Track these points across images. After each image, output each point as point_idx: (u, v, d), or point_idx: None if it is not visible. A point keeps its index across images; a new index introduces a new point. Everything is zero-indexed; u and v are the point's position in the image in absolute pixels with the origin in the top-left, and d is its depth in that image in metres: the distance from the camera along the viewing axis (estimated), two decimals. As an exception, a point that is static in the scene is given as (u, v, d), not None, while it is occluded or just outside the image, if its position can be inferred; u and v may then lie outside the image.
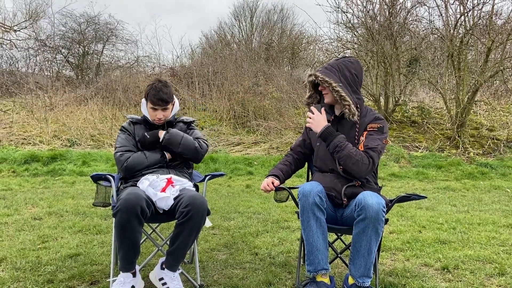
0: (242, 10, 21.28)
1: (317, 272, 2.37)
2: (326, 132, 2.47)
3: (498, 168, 8.17)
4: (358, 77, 2.54)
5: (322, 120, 2.50)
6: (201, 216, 2.42)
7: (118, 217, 2.30)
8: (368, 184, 2.51)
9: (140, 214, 2.32)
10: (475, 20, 9.73)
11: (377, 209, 2.18)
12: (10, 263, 2.97)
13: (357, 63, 2.57)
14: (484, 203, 5.54)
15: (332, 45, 12.31)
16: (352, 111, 2.45)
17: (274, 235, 3.85)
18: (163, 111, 2.80)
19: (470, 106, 9.76)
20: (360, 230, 2.25)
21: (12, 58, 14.29)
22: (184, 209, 2.40)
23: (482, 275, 2.79)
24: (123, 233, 2.33)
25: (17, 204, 5.14)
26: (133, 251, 2.41)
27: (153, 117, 2.82)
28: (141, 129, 2.88)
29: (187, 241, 2.44)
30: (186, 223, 2.40)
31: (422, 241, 3.60)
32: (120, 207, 2.29)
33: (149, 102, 2.78)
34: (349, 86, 2.49)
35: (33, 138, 9.76)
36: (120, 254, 2.40)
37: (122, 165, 2.69)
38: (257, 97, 11.65)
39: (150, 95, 2.76)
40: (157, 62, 15.24)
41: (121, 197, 2.35)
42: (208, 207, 2.49)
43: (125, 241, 2.35)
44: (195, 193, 2.52)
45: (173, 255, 2.48)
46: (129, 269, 2.44)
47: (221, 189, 6.66)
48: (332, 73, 2.48)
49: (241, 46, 19.66)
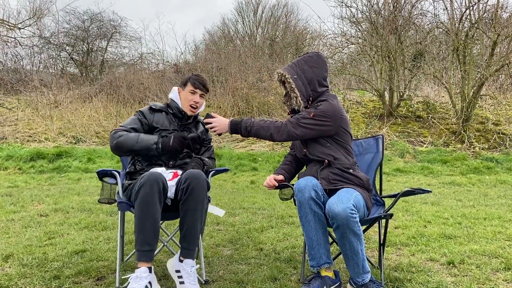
0: (245, 5, 21.24)
1: (320, 266, 2.37)
2: (232, 125, 2.56)
3: (504, 162, 8.12)
4: (319, 69, 2.60)
5: (222, 120, 2.59)
6: (202, 187, 2.43)
7: (142, 192, 2.30)
8: (337, 161, 2.50)
9: (161, 190, 2.34)
10: (480, 14, 9.65)
11: (345, 215, 2.17)
12: (17, 260, 2.99)
13: (317, 56, 2.63)
14: (489, 198, 5.52)
15: (336, 40, 12.25)
16: (298, 102, 2.54)
17: (279, 231, 3.85)
18: (200, 98, 2.85)
19: (476, 100, 9.69)
20: (339, 236, 2.26)
21: (16, 56, 14.36)
22: (184, 184, 2.42)
23: (488, 270, 2.77)
24: (146, 210, 2.29)
25: (23, 201, 5.18)
26: (154, 234, 2.32)
27: (189, 101, 2.82)
28: (162, 117, 2.83)
29: (195, 218, 2.42)
30: (189, 197, 2.40)
31: (427, 236, 3.59)
32: (143, 182, 2.31)
33: (189, 85, 2.82)
34: (305, 80, 2.57)
35: (39, 136, 9.80)
36: (140, 239, 2.29)
37: (113, 142, 2.64)
38: (261, 93, 11.64)
39: (192, 78, 2.84)
40: (161, 59, 15.26)
41: (144, 175, 2.38)
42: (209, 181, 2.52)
43: (147, 220, 2.29)
44: (191, 170, 2.55)
45: (185, 239, 2.44)
46: (148, 259, 2.31)
47: (225, 185, 6.67)
48: (290, 68, 2.60)
49: (244, 42, 19.62)
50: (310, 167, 2.60)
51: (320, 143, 2.54)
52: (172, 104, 2.89)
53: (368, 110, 11.59)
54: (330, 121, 2.48)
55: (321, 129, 2.48)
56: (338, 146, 2.54)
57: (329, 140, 2.53)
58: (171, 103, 2.89)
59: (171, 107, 2.88)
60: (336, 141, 2.54)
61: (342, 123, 2.54)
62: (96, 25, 16.20)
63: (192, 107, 2.84)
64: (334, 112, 2.49)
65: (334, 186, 2.45)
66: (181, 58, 15.31)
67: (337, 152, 2.53)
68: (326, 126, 2.48)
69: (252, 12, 21.04)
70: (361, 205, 2.36)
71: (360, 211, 2.32)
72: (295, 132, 2.47)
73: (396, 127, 10.25)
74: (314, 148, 2.56)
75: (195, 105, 2.83)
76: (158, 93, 11.74)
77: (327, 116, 2.47)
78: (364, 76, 11.55)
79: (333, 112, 2.49)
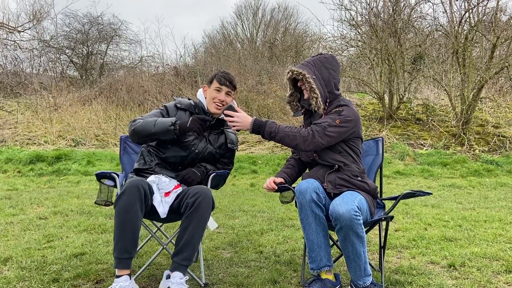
0: (245, 8, 21.28)
1: (320, 269, 2.36)
2: (256, 125, 2.46)
3: (504, 165, 8.12)
4: (335, 71, 2.57)
5: (245, 116, 2.50)
6: (208, 205, 2.39)
7: (123, 200, 2.26)
8: (346, 168, 2.48)
9: (143, 198, 2.29)
10: (480, 17, 9.67)
11: (349, 216, 2.15)
12: (16, 263, 2.97)
13: (332, 58, 2.60)
14: (490, 200, 5.50)
15: (336, 42, 12.29)
16: (318, 104, 2.46)
17: (279, 233, 3.84)
18: (226, 95, 2.73)
19: (475, 103, 9.70)
20: (342, 238, 2.25)
21: (16, 59, 14.35)
22: (191, 199, 2.37)
23: (489, 272, 2.76)
24: (125, 217, 2.25)
25: (22, 203, 5.16)
26: (133, 242, 2.28)
27: (215, 100, 2.71)
28: (186, 117, 2.74)
29: (194, 236, 2.35)
30: (193, 214, 2.35)
31: (428, 239, 3.58)
32: (124, 189, 2.27)
33: (215, 82, 2.72)
34: (322, 81, 2.52)
35: (38, 138, 9.80)
36: (118, 246, 2.27)
37: (131, 128, 2.61)
38: (260, 96, 11.64)
39: (218, 75, 2.73)
40: (161, 61, 15.26)
41: (126, 183, 2.34)
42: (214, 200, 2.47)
43: (126, 228, 2.26)
44: (200, 185, 2.51)
45: (179, 255, 2.35)
46: (126, 266, 2.28)
47: (225, 187, 6.65)
48: (307, 67, 2.52)
49: (244, 45, 19.64)
50: (317, 169, 2.56)
51: (332, 149, 2.50)
52: (199, 104, 2.79)
53: (368, 112, 11.59)
54: (353, 127, 2.48)
55: (343, 136, 2.47)
56: (350, 151, 2.52)
57: (342, 145, 2.50)
58: (198, 103, 2.80)
59: (198, 107, 2.80)
60: (350, 146, 2.53)
61: (359, 129, 2.55)
62: (96, 28, 16.23)
63: (217, 104, 2.71)
64: (356, 118, 2.50)
65: (339, 190, 2.43)
66: (181, 61, 15.30)
67: (348, 158, 2.51)
68: (347, 133, 2.47)
69: (252, 15, 21.08)
70: (364, 208, 2.34)
71: (363, 215, 2.30)
72: (322, 142, 2.41)
73: (396, 130, 10.25)
74: (326, 153, 2.51)
75: (220, 103, 2.71)
76: (157, 96, 11.74)
77: (350, 121, 2.46)
78: (364, 78, 11.56)
79: (355, 118, 2.49)
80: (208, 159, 2.80)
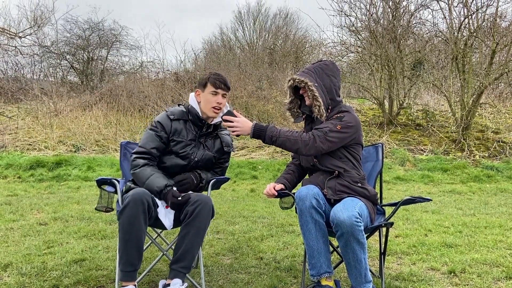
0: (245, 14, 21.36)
1: (320, 276, 2.36)
2: (256, 130, 2.46)
3: (504, 170, 8.11)
4: (336, 78, 2.59)
5: (245, 121, 2.49)
6: (208, 212, 2.39)
7: (126, 212, 2.25)
8: (346, 174, 2.48)
9: (146, 210, 2.29)
10: (479, 23, 9.70)
11: (350, 223, 2.16)
12: (16, 269, 2.97)
13: (333, 65, 2.62)
14: (490, 206, 5.50)
15: (335, 48, 12.31)
16: (321, 112, 2.48)
17: (279, 239, 3.83)
18: (223, 98, 2.67)
19: (475, 108, 9.71)
20: (342, 244, 2.25)
21: (17, 65, 14.39)
22: (191, 207, 2.37)
23: (489, 279, 2.76)
24: (129, 230, 2.26)
25: (22, 209, 5.16)
26: (138, 254, 2.31)
27: (212, 104, 2.64)
28: (180, 126, 2.68)
29: (193, 244, 2.36)
30: (193, 222, 2.35)
31: (428, 245, 3.58)
32: (128, 202, 2.26)
33: (209, 85, 2.64)
34: (324, 88, 2.53)
35: (38, 144, 9.80)
36: (123, 259, 2.29)
37: (131, 169, 2.62)
38: (260, 101, 11.65)
39: (211, 78, 2.65)
40: (161, 67, 15.29)
41: (128, 194, 2.32)
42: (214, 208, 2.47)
43: (131, 241, 2.27)
44: (200, 194, 2.52)
45: (178, 262, 2.36)
46: (132, 279, 2.32)
47: (225, 193, 6.65)
48: (308, 75, 2.53)
49: (244, 51, 19.69)
50: (317, 175, 2.56)
51: (333, 155, 2.51)
52: (192, 110, 2.71)
53: (367, 118, 11.60)
54: (354, 133, 2.49)
55: (344, 142, 2.47)
56: (351, 157, 2.53)
57: (343, 151, 2.52)
58: (191, 109, 2.71)
59: (191, 113, 2.71)
60: (350, 152, 2.53)
61: (360, 135, 2.56)
62: (96, 34, 16.27)
63: (216, 108, 2.66)
64: (357, 124, 2.51)
65: (339, 196, 2.43)
66: (181, 67, 15.33)
67: (348, 164, 2.51)
68: (348, 138, 2.48)
69: (252, 22, 21.16)
70: (365, 214, 2.35)
71: (364, 221, 2.30)
72: (322, 147, 2.41)
73: (396, 135, 10.26)
74: (326, 159, 2.52)
75: (218, 106, 2.65)
76: (158, 101, 11.76)
77: (352, 127, 2.47)
78: (364, 84, 11.58)
79: (356, 124, 2.50)
80: (207, 165, 2.80)
